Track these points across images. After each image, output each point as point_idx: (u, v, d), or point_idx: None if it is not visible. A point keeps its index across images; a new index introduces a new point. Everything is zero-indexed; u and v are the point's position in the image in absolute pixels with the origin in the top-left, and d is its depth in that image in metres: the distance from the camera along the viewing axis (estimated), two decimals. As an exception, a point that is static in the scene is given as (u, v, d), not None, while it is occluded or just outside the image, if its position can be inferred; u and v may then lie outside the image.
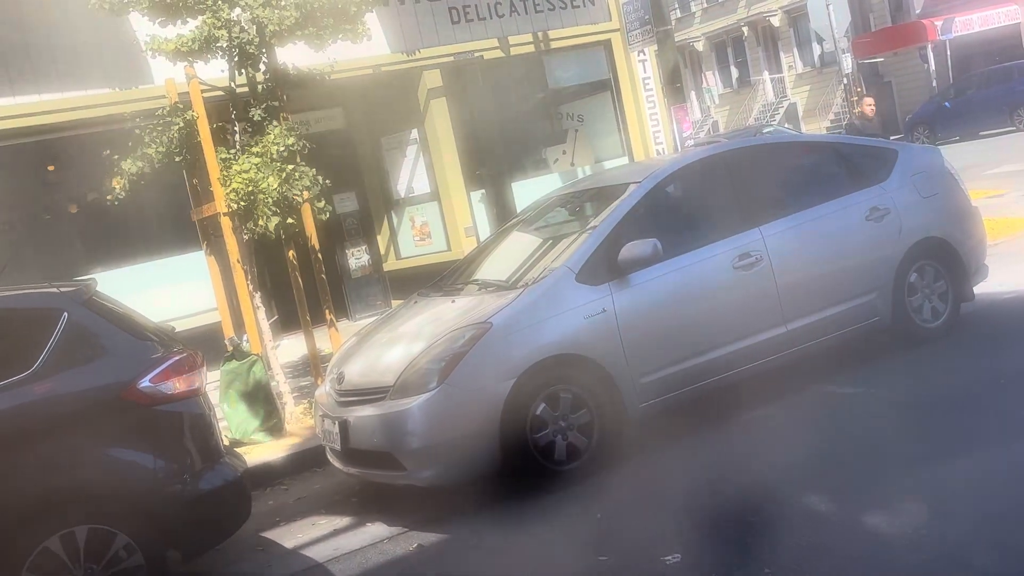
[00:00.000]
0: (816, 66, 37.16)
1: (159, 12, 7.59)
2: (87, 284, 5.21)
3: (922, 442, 5.15)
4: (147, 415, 4.79)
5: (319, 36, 7.74)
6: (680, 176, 6.72)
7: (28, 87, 9.62)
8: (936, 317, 6.94)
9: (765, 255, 6.30)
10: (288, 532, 5.91)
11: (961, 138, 26.02)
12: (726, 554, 4.28)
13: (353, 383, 5.98)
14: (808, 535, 4.28)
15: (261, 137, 7.59)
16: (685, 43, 42.75)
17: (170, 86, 8.06)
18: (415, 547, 5.21)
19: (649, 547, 4.51)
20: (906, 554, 3.95)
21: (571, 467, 5.57)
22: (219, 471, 5.01)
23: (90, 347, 4.81)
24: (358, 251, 13.10)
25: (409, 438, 5.46)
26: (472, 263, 7.14)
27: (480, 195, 12.79)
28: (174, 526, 4.78)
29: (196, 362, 5.05)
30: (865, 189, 6.85)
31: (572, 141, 13.90)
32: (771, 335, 6.27)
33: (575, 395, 5.65)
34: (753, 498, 4.87)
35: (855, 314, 6.61)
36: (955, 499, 4.39)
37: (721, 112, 41.66)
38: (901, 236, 6.78)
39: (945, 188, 7.16)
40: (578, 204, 7.23)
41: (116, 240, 10.30)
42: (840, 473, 4.98)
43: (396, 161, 13.09)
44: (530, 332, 5.63)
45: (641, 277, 5.94)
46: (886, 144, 7.53)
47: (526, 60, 13.20)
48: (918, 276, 6.88)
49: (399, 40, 11.90)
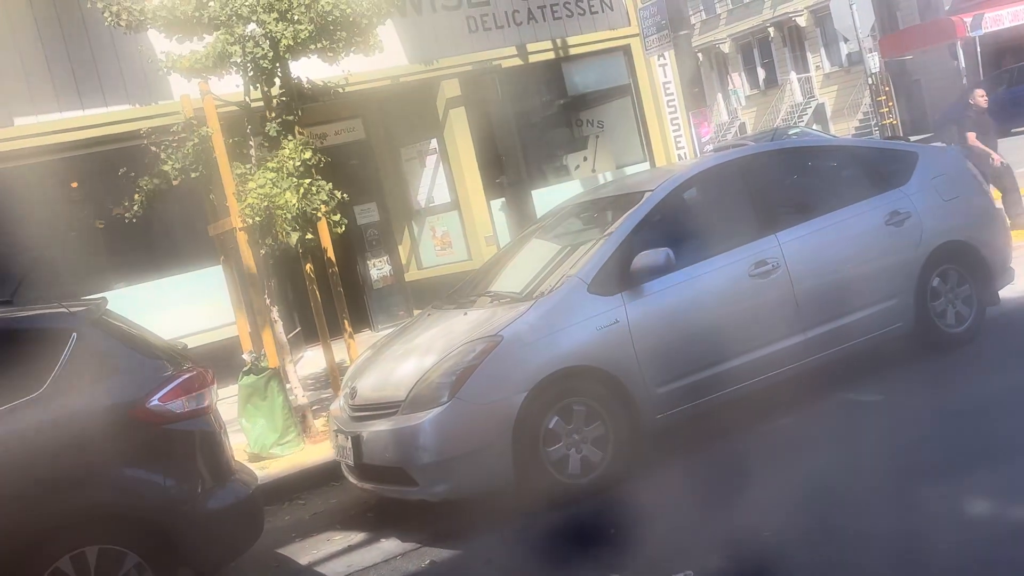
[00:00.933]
0: (844, 66, 36.78)
1: (175, 29, 7.62)
2: (97, 303, 5.22)
3: (947, 452, 5.05)
4: (157, 434, 4.79)
5: (332, 50, 7.74)
6: (694, 183, 6.65)
7: (50, 105, 9.71)
8: (960, 322, 6.80)
9: (782, 262, 6.21)
10: (303, 548, 5.89)
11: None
12: (739, 571, 4.19)
13: (365, 398, 5.96)
14: (825, 550, 4.19)
15: (277, 151, 7.61)
16: (711, 45, 42.54)
17: (185, 102, 8.10)
18: (427, 563, 5.18)
19: (662, 563, 4.44)
20: (927, 567, 3.85)
21: (585, 481, 5.52)
22: (230, 489, 5.00)
23: (99, 367, 4.80)
24: (380, 262, 13.10)
25: (421, 453, 5.43)
26: (486, 274, 7.10)
27: (500, 203, 12.75)
28: (185, 545, 4.77)
29: (206, 380, 5.04)
30: (884, 193, 6.73)
31: (593, 147, 13.83)
32: (789, 344, 6.17)
33: (589, 408, 5.59)
34: (770, 512, 4.78)
35: (876, 321, 6.49)
36: (980, 512, 4.27)
37: (748, 114, 41.37)
38: (922, 240, 6.66)
39: (967, 190, 7.02)
40: (593, 213, 7.16)
41: (136, 256, 10.36)
42: (861, 486, 4.87)
43: (416, 171, 13.09)
44: (542, 344, 5.58)
45: (655, 287, 5.87)
46: (905, 147, 7.39)
47: (545, 67, 13.15)
48: (941, 281, 6.75)
49: (417, 50, 11.89)
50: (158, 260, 10.36)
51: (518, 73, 12.77)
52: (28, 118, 9.58)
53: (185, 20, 7.45)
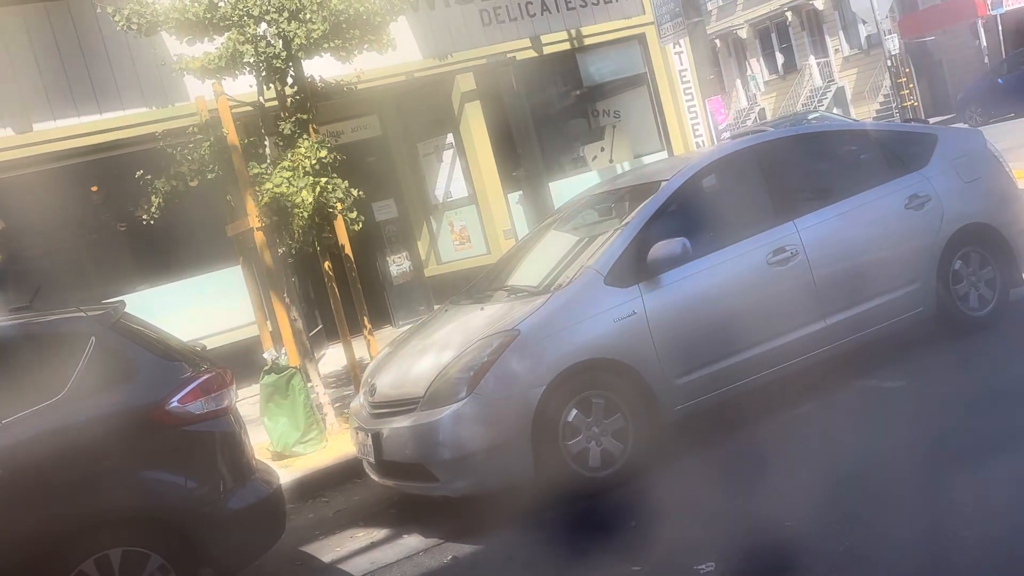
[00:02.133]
0: (863, 48, 36.41)
1: (187, 31, 7.65)
2: (115, 307, 5.25)
3: (972, 439, 4.97)
4: (177, 435, 4.81)
5: (345, 48, 7.74)
6: (711, 171, 6.60)
7: (68, 110, 9.78)
8: (983, 305, 6.72)
9: (801, 249, 6.15)
10: (326, 546, 5.91)
11: (1016, 115, 25.28)
12: (761, 562, 4.16)
13: (385, 395, 5.97)
14: (847, 541, 4.15)
15: (292, 150, 7.62)
16: (728, 31, 42.25)
17: (200, 103, 8.13)
18: (449, 559, 5.18)
19: (683, 556, 4.41)
20: (951, 557, 3.80)
21: (606, 474, 5.50)
22: (251, 488, 5.01)
23: (118, 370, 4.84)
24: (399, 258, 13.12)
25: (440, 449, 5.43)
26: (503, 268, 7.09)
27: (518, 196, 12.73)
28: (208, 545, 4.79)
29: (225, 380, 5.06)
30: (903, 176, 6.65)
31: (610, 138, 13.76)
32: (809, 331, 6.12)
33: (608, 400, 5.56)
34: (792, 502, 4.74)
35: (898, 306, 6.42)
36: (1006, 502, 4.20)
37: (767, 99, 41.08)
38: (943, 223, 6.58)
39: (988, 172, 6.93)
40: (609, 203, 7.12)
41: (156, 258, 10.43)
42: (883, 475, 4.82)
43: (433, 166, 13.09)
44: (559, 338, 5.56)
45: (672, 277, 5.83)
46: (925, 129, 7.30)
47: (560, 58, 13.10)
48: (963, 263, 6.66)
49: (431, 45, 11.88)
50: (177, 262, 10.42)
51: (533, 65, 12.73)
52: (47, 123, 9.66)
53: (196, 22, 7.47)
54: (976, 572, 3.65)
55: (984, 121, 25.61)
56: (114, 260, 10.59)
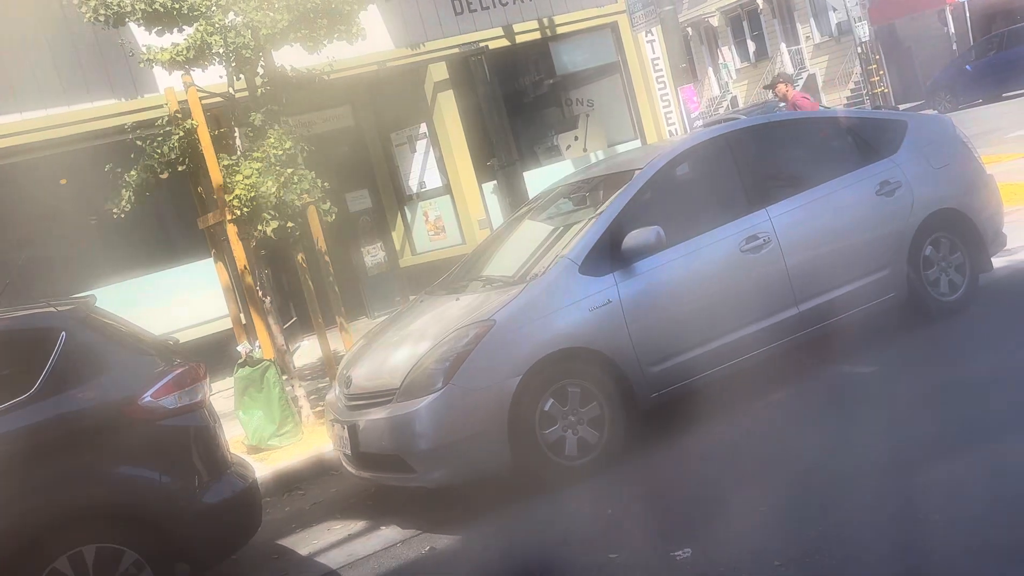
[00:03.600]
0: (834, 35, 36.57)
1: (155, 22, 7.56)
2: (85, 301, 5.20)
3: (943, 423, 5.03)
4: (150, 430, 4.77)
5: (313, 38, 7.68)
6: (684, 160, 6.62)
7: (34, 103, 9.66)
8: (954, 290, 6.79)
9: (773, 236, 6.18)
10: (304, 538, 5.90)
11: (984, 100, 25.52)
12: (736, 547, 4.19)
13: (361, 387, 5.95)
14: (819, 525, 4.19)
15: (262, 141, 7.56)
16: (700, 19, 42.28)
17: (170, 95, 8.04)
18: (427, 550, 5.18)
19: (660, 543, 4.44)
20: (922, 540, 3.85)
21: (582, 462, 5.51)
22: (227, 482, 4.98)
23: (90, 365, 4.79)
24: (373, 248, 13.06)
25: (417, 440, 5.42)
26: (478, 258, 7.08)
27: (492, 186, 12.70)
28: (183, 540, 4.76)
29: (198, 374, 5.03)
30: (874, 163, 6.70)
31: (584, 126, 13.77)
32: (783, 318, 6.16)
33: (584, 389, 5.58)
34: (766, 488, 4.78)
35: (869, 291, 6.48)
36: (973, 482, 4.26)
37: (740, 87, 41.19)
38: (913, 209, 6.63)
39: (957, 157, 6.99)
40: (583, 192, 7.13)
41: (127, 251, 10.32)
42: (856, 460, 4.86)
43: (407, 156, 13.05)
44: (534, 327, 5.56)
45: (646, 265, 5.85)
46: (894, 115, 7.36)
47: (533, 47, 13.08)
48: (933, 249, 6.73)
49: (403, 35, 11.83)
50: (149, 255, 10.33)
51: (506, 54, 12.71)
52: (13, 116, 9.53)
53: (164, 12, 7.38)
54: (946, 554, 3.70)
55: (953, 107, 25.83)
56: (84, 254, 10.49)
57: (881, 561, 3.74)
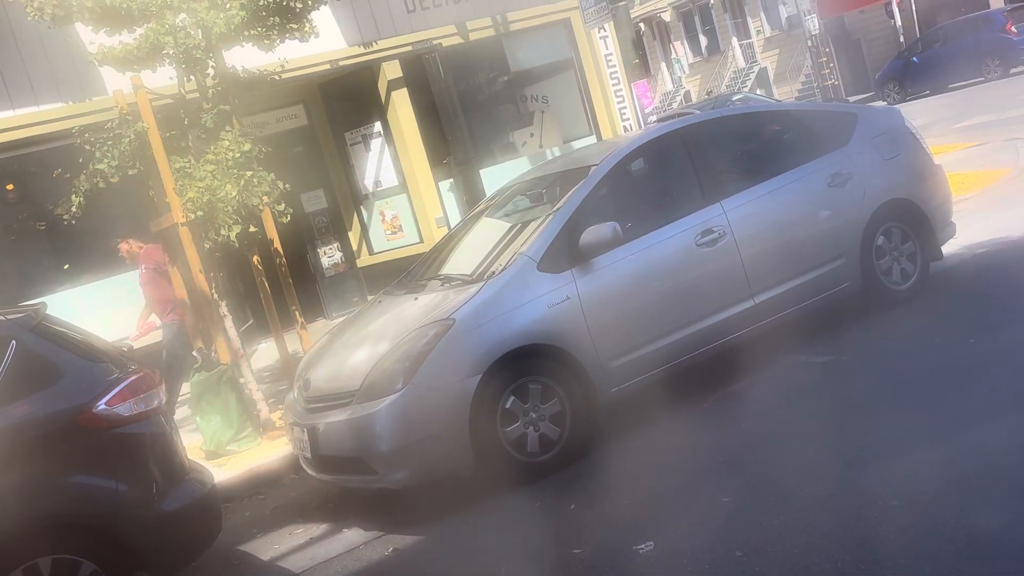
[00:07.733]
0: (784, 29, 37.03)
1: (104, 21, 7.43)
2: (36, 309, 5.09)
3: (898, 409, 5.10)
4: (105, 439, 4.69)
5: (267, 36, 7.59)
6: (639, 155, 6.65)
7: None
8: (906, 279, 6.89)
9: (728, 230, 6.23)
10: (265, 544, 5.84)
11: (931, 92, 26.00)
12: (698, 539, 4.22)
13: (320, 389, 5.90)
14: (782, 513, 4.23)
15: (215, 143, 7.46)
16: (652, 14, 42.55)
17: (119, 97, 7.90)
18: (391, 551, 5.15)
19: (622, 536, 4.46)
20: (882, 526, 3.90)
21: (544, 458, 5.52)
22: (185, 489, 4.92)
23: (42, 374, 4.70)
24: (330, 249, 12.99)
25: (378, 441, 5.38)
26: (436, 257, 7.06)
27: (449, 184, 12.69)
28: (141, 549, 4.67)
29: (153, 381, 4.95)
30: (825, 155, 6.78)
31: (539, 123, 13.79)
32: (739, 310, 6.22)
33: (544, 385, 5.58)
34: (726, 478, 4.82)
35: (824, 282, 6.56)
36: (929, 467, 4.33)
37: (692, 81, 41.51)
38: (865, 200, 6.72)
39: (907, 148, 7.09)
40: (540, 189, 7.13)
41: (79, 257, 10.16)
42: (813, 448, 4.93)
43: (361, 155, 12.97)
44: (494, 325, 5.55)
45: (604, 261, 5.87)
46: (845, 108, 7.45)
47: (486, 44, 13.06)
48: (885, 239, 6.82)
49: (355, 33, 11.75)
50: (100, 260, 10.15)
51: (459, 52, 12.69)
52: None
53: (114, 11, 7.26)
54: (905, 537, 3.75)
55: (901, 99, 26.28)
56: (33, 260, 10.30)
57: (843, 548, 3.78)
